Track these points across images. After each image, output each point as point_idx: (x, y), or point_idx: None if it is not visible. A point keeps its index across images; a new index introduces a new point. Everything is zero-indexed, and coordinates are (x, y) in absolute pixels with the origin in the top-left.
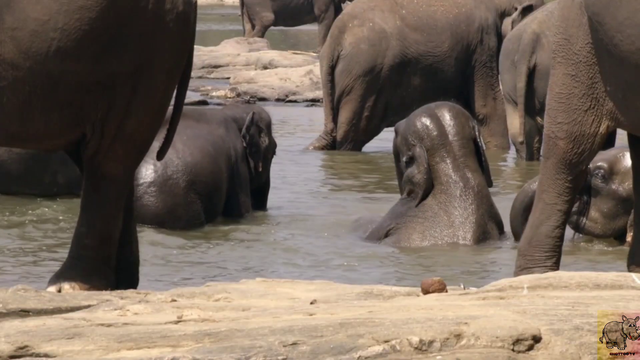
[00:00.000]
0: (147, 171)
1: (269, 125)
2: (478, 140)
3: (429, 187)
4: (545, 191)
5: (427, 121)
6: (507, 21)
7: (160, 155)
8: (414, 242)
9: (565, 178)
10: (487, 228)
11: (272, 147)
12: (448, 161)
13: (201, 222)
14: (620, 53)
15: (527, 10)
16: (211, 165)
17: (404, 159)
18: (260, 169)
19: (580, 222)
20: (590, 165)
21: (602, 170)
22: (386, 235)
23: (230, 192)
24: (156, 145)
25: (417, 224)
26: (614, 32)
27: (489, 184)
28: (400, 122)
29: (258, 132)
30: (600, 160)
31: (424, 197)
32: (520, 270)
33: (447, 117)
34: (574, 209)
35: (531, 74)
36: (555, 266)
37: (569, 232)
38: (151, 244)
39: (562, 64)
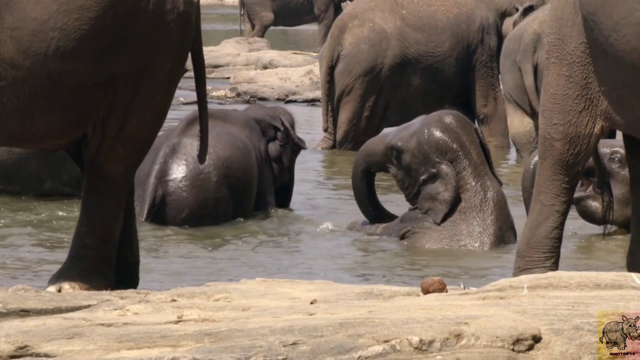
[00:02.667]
0: (179, 167)
1: (292, 126)
2: (484, 143)
3: (456, 205)
4: (542, 192)
5: (444, 135)
6: (508, 21)
7: (202, 158)
8: (430, 249)
9: (562, 179)
10: (504, 239)
11: (298, 146)
12: (470, 170)
13: (228, 219)
14: (616, 52)
15: (529, 10)
16: (242, 160)
17: (424, 176)
18: (282, 171)
19: (592, 207)
20: (608, 150)
21: (618, 155)
22: (402, 237)
23: (258, 192)
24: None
25: (435, 231)
26: (610, 32)
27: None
28: (397, 137)
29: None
30: (618, 145)
31: (449, 215)
32: (520, 271)
33: (458, 127)
34: (585, 194)
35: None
36: (555, 267)
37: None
38: (152, 243)
39: (556, 65)
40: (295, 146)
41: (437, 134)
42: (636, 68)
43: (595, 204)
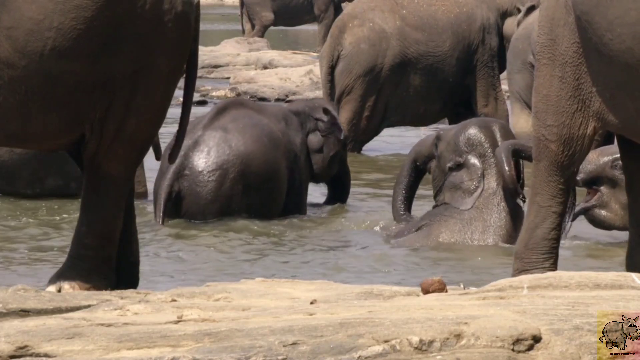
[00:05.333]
0: (199, 161)
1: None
2: (520, 160)
3: (478, 194)
4: (538, 194)
5: (480, 131)
6: (509, 21)
7: (172, 158)
8: (443, 240)
9: (558, 180)
10: (515, 242)
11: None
12: (494, 170)
13: (243, 216)
14: (610, 52)
15: (531, 10)
16: (265, 156)
17: (450, 164)
18: (326, 165)
19: (600, 215)
20: (609, 158)
21: (620, 162)
22: (418, 230)
23: (289, 188)
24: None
25: (451, 224)
26: (604, 31)
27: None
28: (443, 129)
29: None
30: (618, 152)
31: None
32: (518, 273)
33: (499, 132)
34: (592, 203)
35: None
36: (553, 267)
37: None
38: (152, 243)
39: (548, 66)
40: (338, 136)
41: (474, 129)
42: (631, 68)
43: (603, 212)
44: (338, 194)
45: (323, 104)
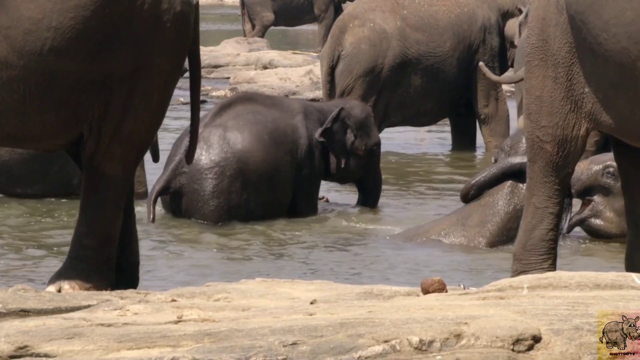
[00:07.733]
0: (198, 157)
1: (359, 123)
2: None
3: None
4: (534, 195)
5: (520, 136)
6: (510, 22)
7: (189, 159)
8: (435, 236)
9: (554, 181)
10: (511, 242)
11: (365, 143)
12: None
13: (242, 214)
14: (605, 52)
15: None
16: (264, 154)
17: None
18: (343, 166)
19: (596, 224)
20: (599, 166)
21: (611, 169)
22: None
23: (297, 185)
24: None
25: (449, 221)
26: (599, 31)
27: None
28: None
29: (343, 128)
30: (608, 159)
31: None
32: (517, 274)
33: None
34: (587, 214)
35: None
36: (552, 268)
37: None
38: (152, 243)
39: (540, 67)
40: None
41: (520, 135)
42: (626, 68)
43: (598, 221)
44: (365, 199)
45: (351, 108)
